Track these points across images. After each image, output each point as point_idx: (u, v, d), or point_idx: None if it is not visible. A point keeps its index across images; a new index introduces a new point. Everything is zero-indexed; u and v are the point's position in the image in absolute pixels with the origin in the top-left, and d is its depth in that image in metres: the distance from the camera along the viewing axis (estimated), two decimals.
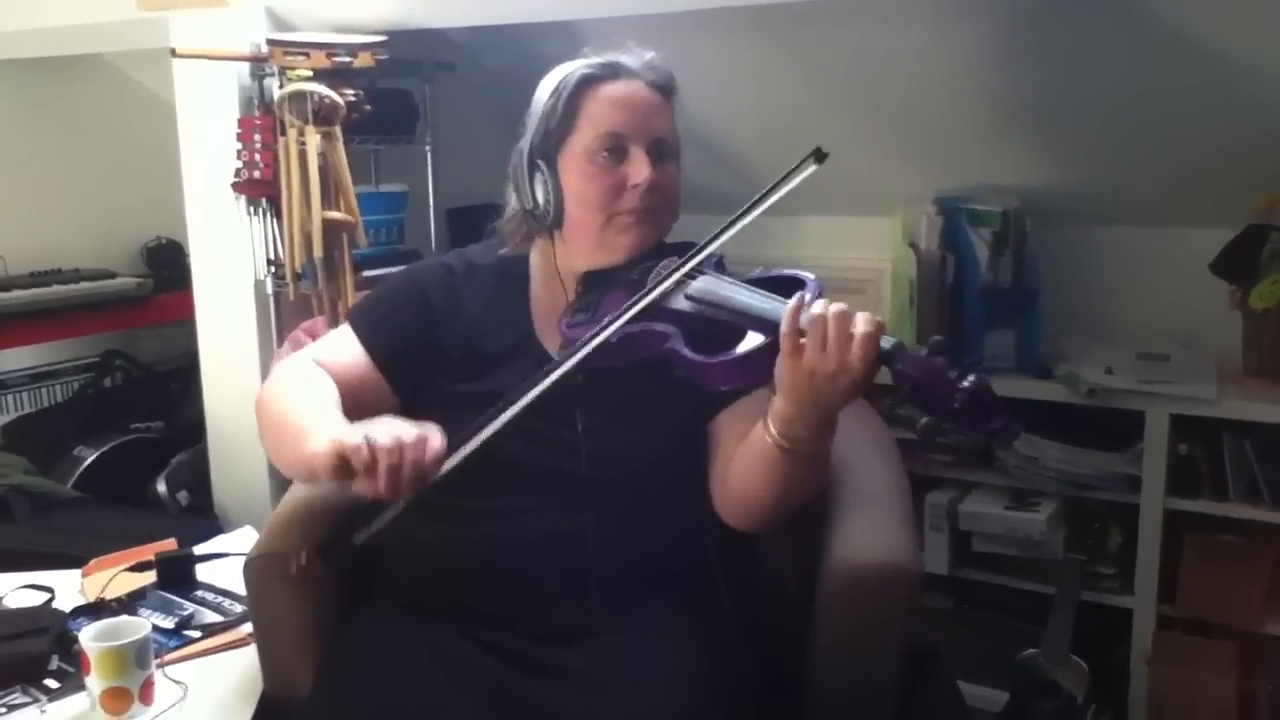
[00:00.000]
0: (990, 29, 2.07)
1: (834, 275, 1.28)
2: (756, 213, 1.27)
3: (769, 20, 2.19)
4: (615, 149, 1.36)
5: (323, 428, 1.22)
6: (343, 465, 1.15)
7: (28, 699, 1.51)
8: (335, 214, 2.25)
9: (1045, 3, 1.98)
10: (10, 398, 3.08)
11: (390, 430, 1.16)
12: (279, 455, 1.34)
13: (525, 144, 1.41)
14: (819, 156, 1.24)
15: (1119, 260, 2.42)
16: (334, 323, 2.33)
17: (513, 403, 1.24)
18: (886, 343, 1.13)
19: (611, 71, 1.39)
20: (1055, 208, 2.38)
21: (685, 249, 1.33)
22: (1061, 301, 2.42)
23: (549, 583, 1.32)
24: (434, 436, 1.18)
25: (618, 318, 1.27)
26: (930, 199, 2.40)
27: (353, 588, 1.47)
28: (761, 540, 1.43)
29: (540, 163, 1.39)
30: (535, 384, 1.25)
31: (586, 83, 1.38)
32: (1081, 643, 2.03)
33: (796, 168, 1.25)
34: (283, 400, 1.36)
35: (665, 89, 1.42)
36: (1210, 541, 2.14)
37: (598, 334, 1.27)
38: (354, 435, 1.16)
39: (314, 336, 2.36)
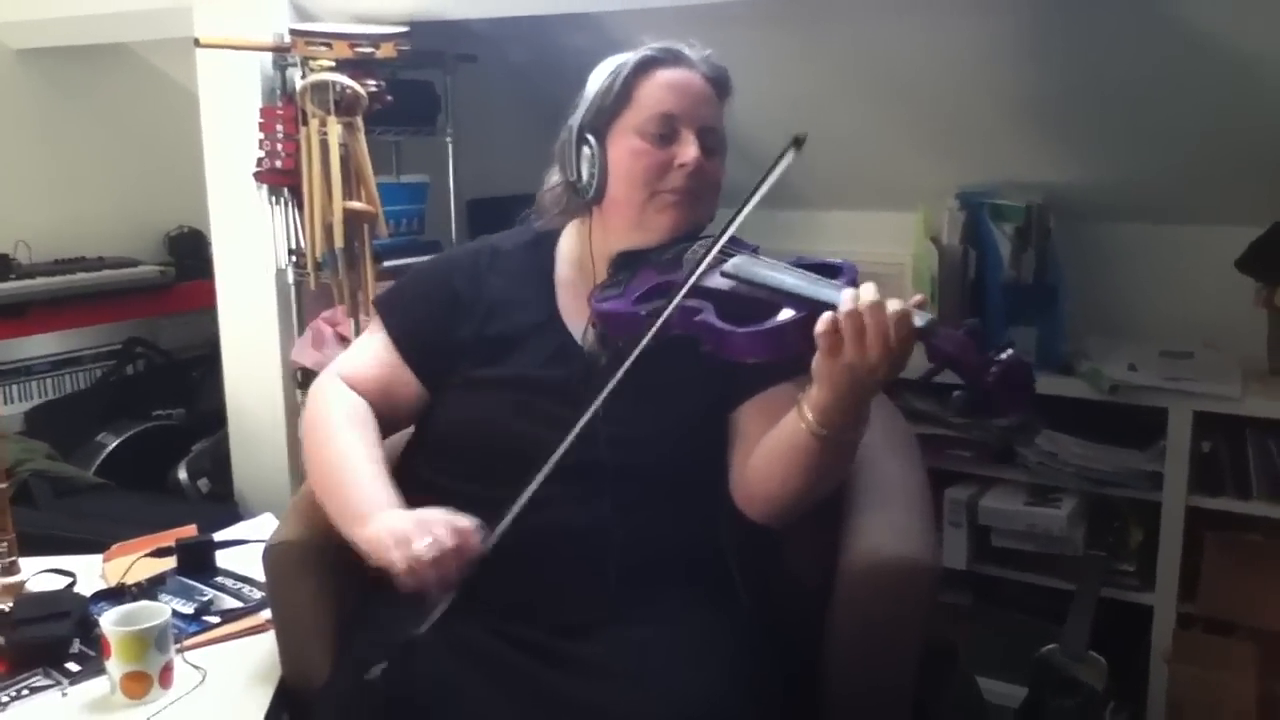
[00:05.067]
0: (1014, 24, 2.06)
1: None
2: (752, 204, 1.29)
3: (792, 14, 2.18)
4: (666, 130, 1.39)
5: (371, 510, 1.30)
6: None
7: (50, 681, 1.52)
8: (356, 204, 2.26)
9: None
10: (34, 384, 3.09)
11: (433, 539, 1.21)
12: (325, 502, 1.40)
13: (576, 119, 1.43)
14: (797, 143, 1.26)
15: (1143, 257, 2.41)
16: (353, 312, 2.33)
17: (548, 458, 1.26)
18: (921, 320, 1.13)
19: (672, 57, 1.42)
20: (1079, 204, 2.36)
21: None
22: (1084, 298, 2.40)
23: (567, 573, 1.32)
24: (473, 534, 1.23)
25: (665, 306, 1.28)
26: (953, 194, 2.39)
27: (371, 576, 1.47)
28: (779, 534, 1.42)
29: (589, 137, 1.40)
30: (572, 429, 1.27)
31: (646, 65, 1.41)
32: (1101, 640, 2.02)
33: (779, 158, 1.27)
34: (326, 447, 1.42)
35: (720, 85, 1.44)
36: (1232, 540, 2.12)
37: (642, 340, 1.27)
38: (397, 553, 1.22)
39: (334, 326, 2.37)
